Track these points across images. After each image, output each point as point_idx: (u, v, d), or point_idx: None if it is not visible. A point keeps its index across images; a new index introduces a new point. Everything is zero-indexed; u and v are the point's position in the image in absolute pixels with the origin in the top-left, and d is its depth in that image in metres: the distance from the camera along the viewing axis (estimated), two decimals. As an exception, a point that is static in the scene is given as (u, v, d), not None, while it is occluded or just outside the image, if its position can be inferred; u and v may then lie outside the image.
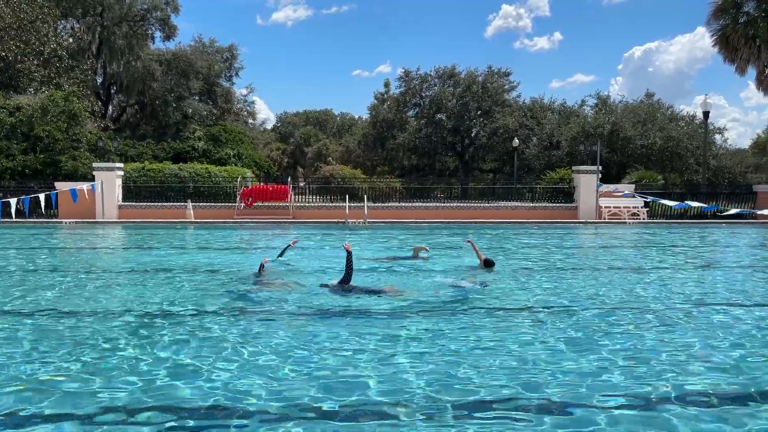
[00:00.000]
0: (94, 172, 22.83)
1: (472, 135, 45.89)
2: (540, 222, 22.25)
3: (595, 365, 5.00)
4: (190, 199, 23.01)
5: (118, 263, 12.28)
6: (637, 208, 23.20)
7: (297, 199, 24.51)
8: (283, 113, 77.78)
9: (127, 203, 23.40)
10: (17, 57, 29.09)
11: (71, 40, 35.29)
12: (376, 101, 48.97)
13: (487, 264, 9.98)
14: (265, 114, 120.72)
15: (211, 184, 25.69)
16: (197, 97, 44.44)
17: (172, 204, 23.31)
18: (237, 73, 47.29)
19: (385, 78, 71.95)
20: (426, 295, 7.86)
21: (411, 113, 47.43)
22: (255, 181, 27.83)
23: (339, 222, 21.42)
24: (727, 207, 22.51)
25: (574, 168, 25.47)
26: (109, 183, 22.56)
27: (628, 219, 22.74)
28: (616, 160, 33.66)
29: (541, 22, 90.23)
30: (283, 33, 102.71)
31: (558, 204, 24.63)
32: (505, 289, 8.47)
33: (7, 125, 25.04)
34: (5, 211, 19.18)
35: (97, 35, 38.61)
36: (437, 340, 5.75)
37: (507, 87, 45.68)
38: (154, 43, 42.64)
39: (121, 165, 24.54)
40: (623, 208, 23.20)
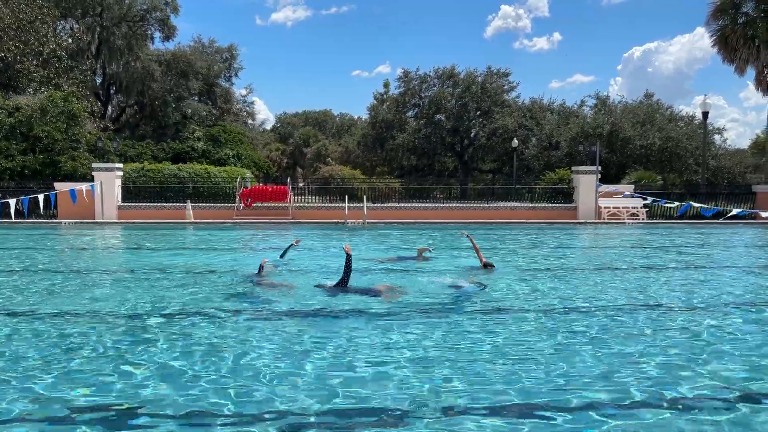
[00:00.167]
0: (94, 173, 22.82)
1: (472, 135, 45.90)
2: (539, 222, 22.26)
3: (602, 366, 5.00)
4: (189, 200, 23.00)
5: (117, 264, 12.27)
6: (637, 208, 23.22)
7: (296, 200, 24.51)
8: (283, 114, 77.96)
9: (126, 204, 23.39)
10: (16, 57, 29.09)
11: (70, 40, 35.28)
12: (376, 102, 48.98)
13: (487, 266, 9.98)
14: (265, 114, 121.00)
15: (211, 184, 25.69)
16: (197, 98, 44.45)
17: (171, 204, 23.31)
18: (236, 74, 47.38)
19: (384, 78, 71.83)
20: (423, 295, 7.85)
21: (410, 114, 47.42)
22: (254, 182, 27.85)
23: (338, 222, 21.42)
24: (726, 207, 22.50)
25: (573, 168, 25.50)
26: (108, 183, 22.56)
27: (628, 219, 22.75)
28: (615, 161, 33.70)
29: (540, 22, 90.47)
30: (283, 33, 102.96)
31: (557, 204, 24.65)
32: (505, 289, 8.46)
33: (7, 126, 25.03)
34: (4, 211, 19.19)
35: (96, 35, 38.60)
36: (434, 340, 5.75)
37: (506, 87, 45.68)
38: (153, 43, 42.70)
39: (121, 165, 24.51)
40: (622, 208, 23.22)
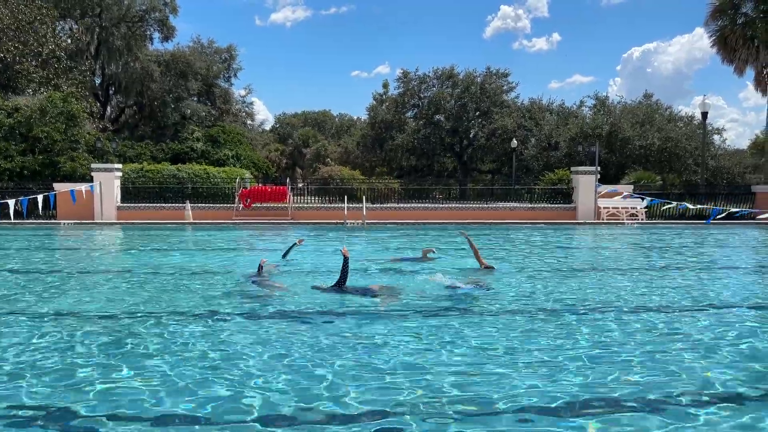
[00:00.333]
0: (93, 173, 22.80)
1: (471, 136, 45.88)
2: (539, 223, 22.26)
3: (596, 368, 5.00)
4: (188, 200, 22.98)
5: (116, 264, 12.26)
6: (636, 208, 23.22)
7: (295, 200, 24.49)
8: (282, 114, 77.79)
9: (125, 204, 23.38)
10: (15, 58, 29.05)
11: (69, 41, 35.24)
12: (375, 102, 48.94)
13: (487, 268, 9.97)
14: (264, 115, 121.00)
15: (210, 185, 25.66)
16: (196, 98, 44.37)
17: (170, 205, 23.30)
18: (235, 74, 47.25)
19: (383, 79, 72.02)
20: (422, 295, 7.85)
21: (409, 114, 47.38)
22: (253, 182, 27.84)
23: (338, 223, 21.41)
24: (726, 207, 22.49)
25: (572, 169, 25.49)
26: (107, 184, 22.54)
27: (627, 220, 22.75)
28: (614, 161, 33.67)
29: (539, 23, 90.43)
30: (282, 34, 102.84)
31: (556, 205, 24.64)
32: (505, 289, 8.46)
33: (6, 126, 24.99)
34: (3, 212, 19.15)
35: (95, 36, 38.53)
36: (432, 341, 5.75)
37: (505, 88, 45.64)
38: (152, 44, 42.62)
39: (120, 166, 24.48)
40: (622, 208, 23.22)
